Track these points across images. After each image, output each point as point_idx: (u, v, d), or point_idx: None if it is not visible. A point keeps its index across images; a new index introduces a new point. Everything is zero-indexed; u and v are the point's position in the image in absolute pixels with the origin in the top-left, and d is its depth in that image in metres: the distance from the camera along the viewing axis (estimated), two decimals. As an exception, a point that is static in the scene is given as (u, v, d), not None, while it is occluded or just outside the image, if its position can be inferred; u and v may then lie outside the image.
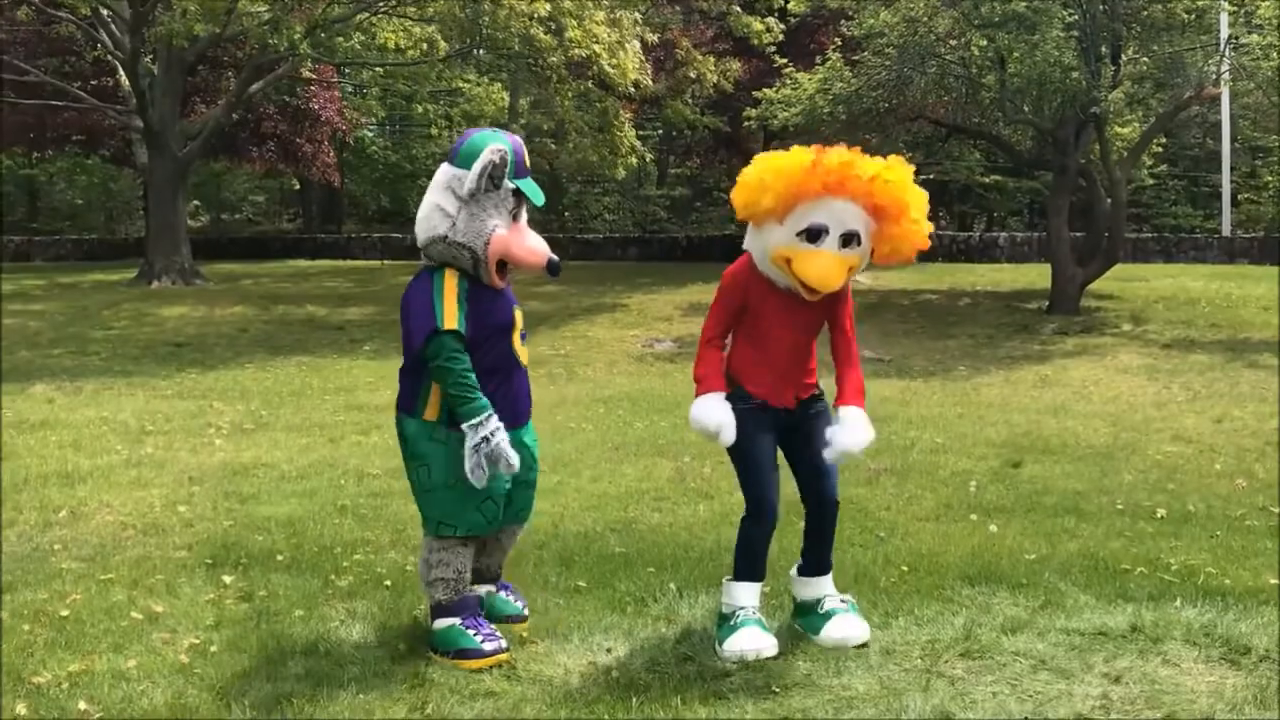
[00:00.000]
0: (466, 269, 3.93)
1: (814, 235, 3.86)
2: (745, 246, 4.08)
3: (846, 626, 4.04)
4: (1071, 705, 3.50)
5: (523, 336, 4.10)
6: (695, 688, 3.65)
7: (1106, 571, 4.95)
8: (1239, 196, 29.45)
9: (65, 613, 4.39)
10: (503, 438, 3.83)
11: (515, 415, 4.03)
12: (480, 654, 3.84)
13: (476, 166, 3.86)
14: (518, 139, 4.07)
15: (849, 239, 3.89)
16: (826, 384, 4.18)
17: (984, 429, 9.18)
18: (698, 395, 4.03)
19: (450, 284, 3.89)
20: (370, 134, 36.70)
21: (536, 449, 4.21)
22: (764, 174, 3.91)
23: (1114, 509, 6.30)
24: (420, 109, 26.93)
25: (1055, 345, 14.67)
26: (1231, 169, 26.22)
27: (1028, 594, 4.59)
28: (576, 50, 18.94)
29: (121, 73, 21.85)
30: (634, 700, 3.52)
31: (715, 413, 3.96)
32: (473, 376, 3.84)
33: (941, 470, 7.44)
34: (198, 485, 6.90)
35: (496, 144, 3.90)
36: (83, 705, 3.51)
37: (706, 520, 6.07)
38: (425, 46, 20.72)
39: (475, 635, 3.88)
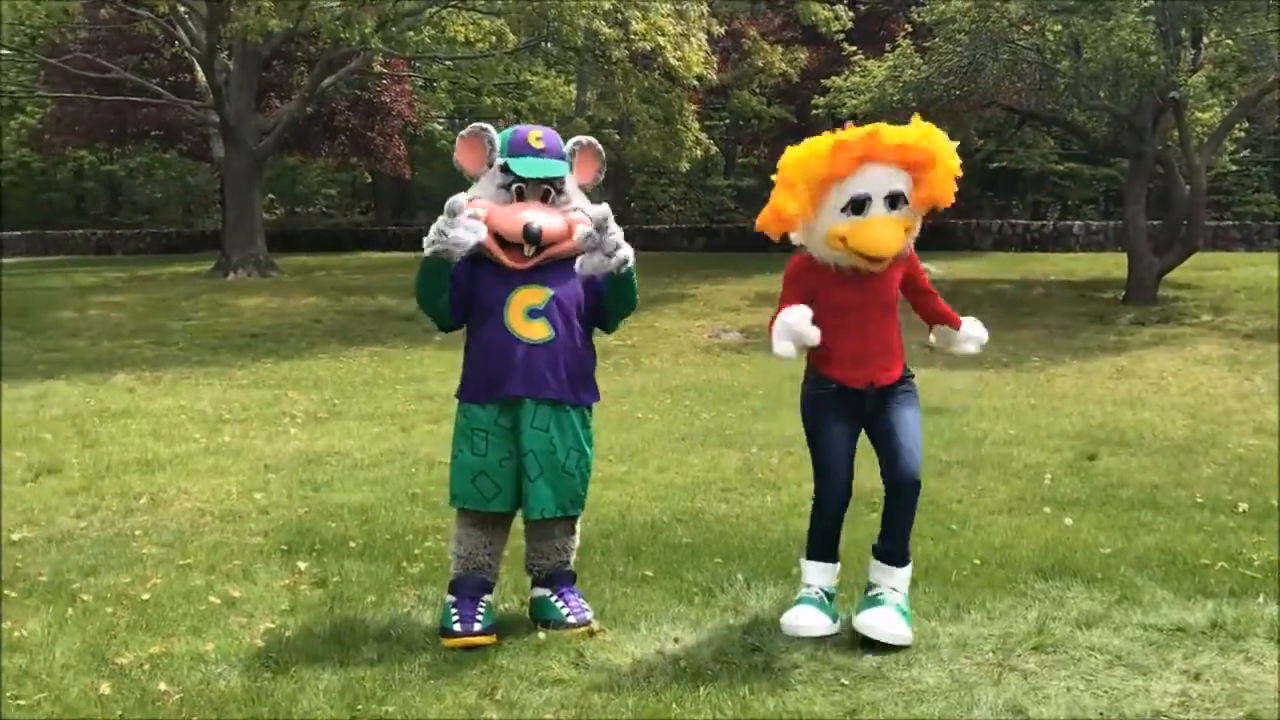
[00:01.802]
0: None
1: (859, 206, 3.85)
2: (796, 242, 4.06)
3: (881, 618, 3.87)
4: (1149, 702, 3.42)
5: (534, 313, 4.03)
6: (763, 678, 3.64)
7: (1185, 566, 4.84)
8: (1325, 183, 28.56)
9: (146, 596, 4.51)
10: (443, 223, 3.88)
11: (505, 385, 4.01)
12: (451, 633, 3.96)
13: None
14: (522, 128, 4.23)
15: (894, 200, 3.87)
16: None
17: (1058, 420, 9.03)
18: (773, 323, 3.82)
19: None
20: (440, 126, 37.01)
21: (564, 441, 4.07)
22: (784, 174, 3.89)
23: (1193, 503, 6.16)
24: (489, 101, 27.07)
25: (1132, 335, 14.36)
26: (1318, 154, 25.41)
27: (1103, 588, 4.50)
28: (641, 43, 18.94)
29: (198, 68, 22.33)
30: (701, 690, 3.52)
31: (790, 315, 3.76)
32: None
33: (1014, 462, 7.33)
34: (273, 473, 7.04)
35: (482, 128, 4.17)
36: (163, 686, 3.60)
37: (774, 511, 6.05)
38: (494, 39, 20.85)
39: (454, 615, 4.00)
